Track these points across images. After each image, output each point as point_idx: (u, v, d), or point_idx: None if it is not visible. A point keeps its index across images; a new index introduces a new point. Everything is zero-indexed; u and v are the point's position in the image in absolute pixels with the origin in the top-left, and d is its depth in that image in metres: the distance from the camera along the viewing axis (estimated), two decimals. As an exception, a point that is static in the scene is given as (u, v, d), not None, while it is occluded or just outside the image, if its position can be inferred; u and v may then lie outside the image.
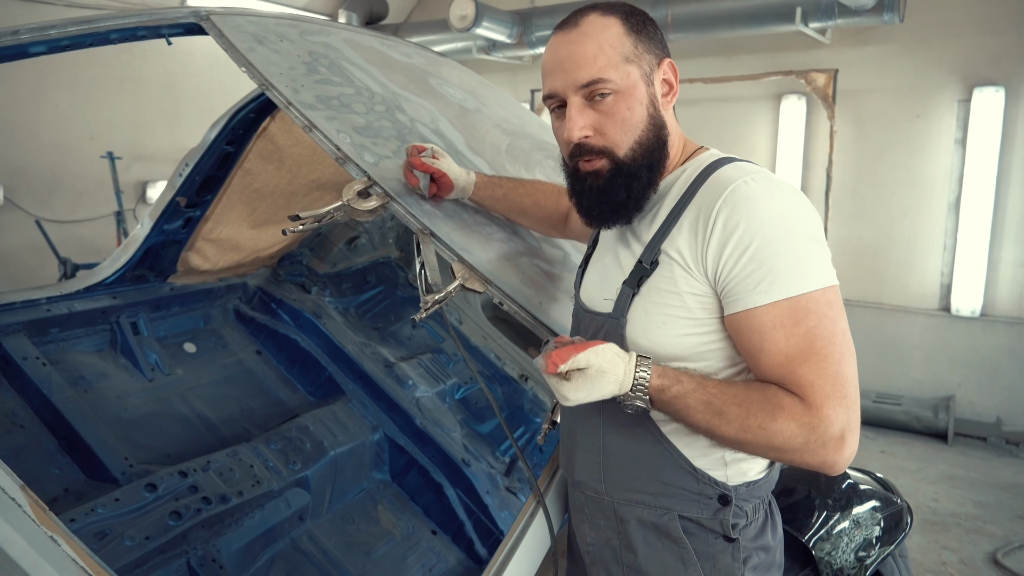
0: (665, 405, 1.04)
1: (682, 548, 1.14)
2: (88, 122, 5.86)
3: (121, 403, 2.19)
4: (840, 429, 0.98)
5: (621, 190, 1.13)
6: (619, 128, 1.11)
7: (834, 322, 1.01)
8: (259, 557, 1.99)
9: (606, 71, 1.08)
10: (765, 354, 1.02)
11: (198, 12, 1.78)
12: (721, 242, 1.02)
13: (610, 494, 1.20)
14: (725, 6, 5.10)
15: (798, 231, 1.01)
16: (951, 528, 3.75)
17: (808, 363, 0.99)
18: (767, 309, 1.00)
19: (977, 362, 5.08)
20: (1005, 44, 4.84)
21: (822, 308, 1.01)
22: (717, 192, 1.05)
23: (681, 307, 1.07)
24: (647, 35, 1.13)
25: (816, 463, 1.00)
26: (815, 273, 1.01)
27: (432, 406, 2.55)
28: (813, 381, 0.99)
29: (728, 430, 1.01)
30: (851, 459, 1.01)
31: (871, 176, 5.40)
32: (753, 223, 1.00)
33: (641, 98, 1.11)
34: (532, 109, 6.66)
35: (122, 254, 2.46)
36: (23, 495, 1.07)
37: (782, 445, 0.99)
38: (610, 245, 1.24)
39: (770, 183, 1.04)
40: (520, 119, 2.38)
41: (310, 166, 2.55)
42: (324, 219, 1.46)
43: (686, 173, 1.14)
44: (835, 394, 0.99)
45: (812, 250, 1.02)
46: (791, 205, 1.03)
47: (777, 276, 1.00)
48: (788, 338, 1.00)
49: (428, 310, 1.35)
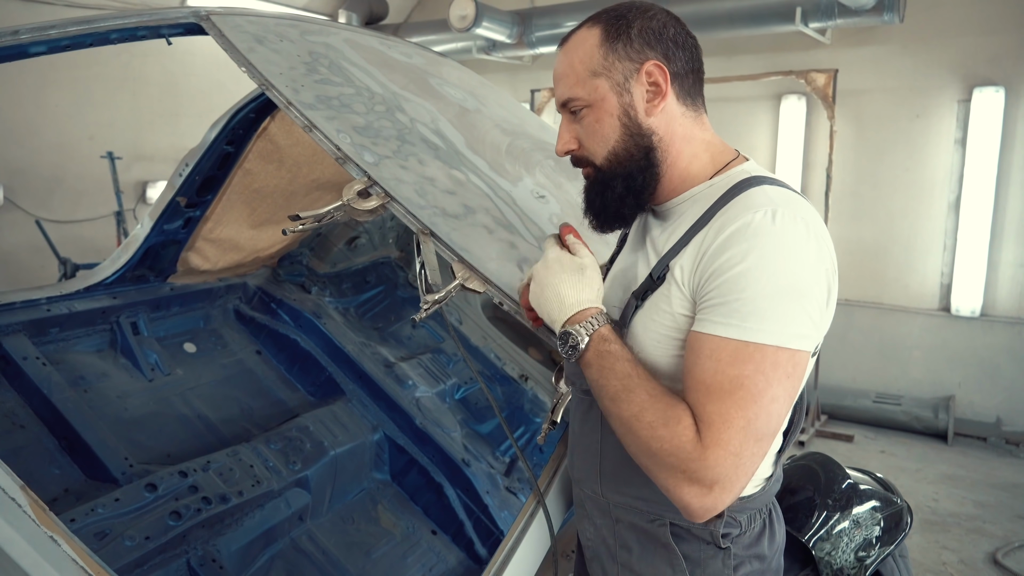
0: (597, 355, 1.05)
1: (671, 553, 1.13)
2: (88, 122, 5.86)
3: (121, 403, 2.19)
4: (712, 479, 0.94)
5: (596, 198, 1.16)
6: (592, 140, 1.13)
7: (768, 384, 0.95)
8: (259, 557, 1.99)
9: (573, 89, 1.12)
10: (690, 376, 0.99)
11: (198, 12, 1.78)
12: (711, 260, 0.99)
13: (606, 494, 1.20)
14: (725, 6, 5.10)
15: (785, 281, 0.95)
16: (951, 528, 3.75)
17: (720, 404, 0.94)
18: (712, 338, 0.97)
19: (977, 362, 5.08)
20: (1005, 44, 4.84)
21: (765, 365, 0.94)
22: (737, 214, 1.00)
23: (673, 327, 1.06)
24: (626, 41, 1.09)
25: (674, 495, 0.97)
26: (780, 331, 0.95)
27: (432, 406, 2.55)
28: (714, 422, 0.94)
29: (626, 410, 1.00)
30: (709, 515, 0.97)
31: (871, 176, 5.40)
32: (749, 254, 0.96)
33: (611, 109, 1.10)
34: (532, 109, 6.66)
35: (122, 254, 2.46)
36: (23, 495, 1.07)
37: (657, 453, 0.96)
38: (631, 249, 1.25)
39: (791, 222, 0.97)
40: (520, 119, 2.38)
41: (310, 166, 2.55)
42: (324, 219, 1.46)
43: (714, 187, 1.10)
44: (727, 445, 0.93)
45: (791, 307, 0.95)
46: (796, 253, 0.97)
47: (736, 313, 0.95)
48: (716, 373, 0.96)
49: (428, 310, 1.35)
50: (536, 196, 1.92)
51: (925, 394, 5.23)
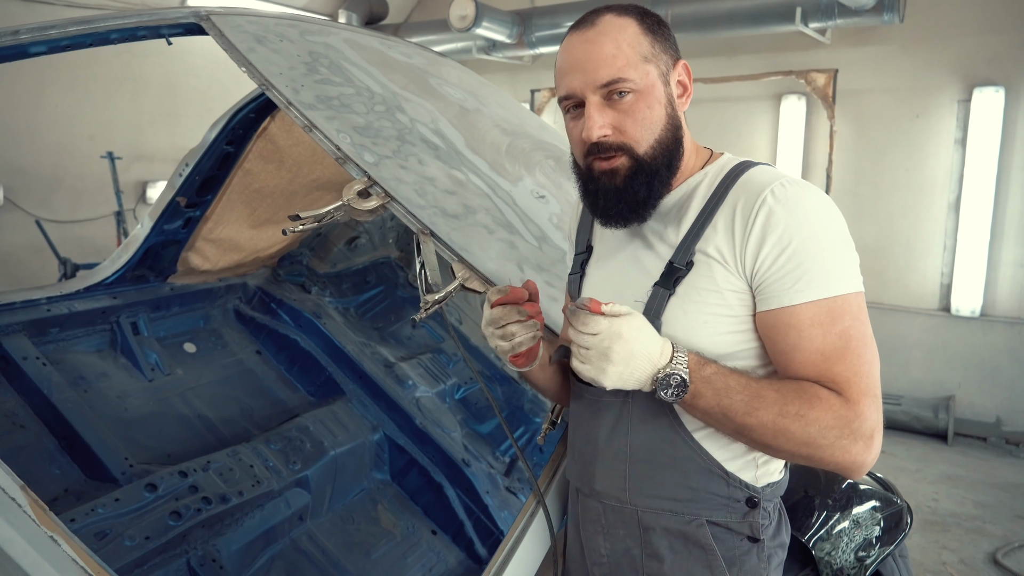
0: (705, 382, 1.03)
1: (710, 554, 1.13)
2: (88, 122, 5.86)
3: (121, 403, 2.19)
4: (871, 427, 1.00)
5: (642, 188, 1.12)
6: (639, 126, 1.11)
7: (864, 325, 1.04)
8: (259, 557, 1.99)
9: (626, 70, 1.09)
10: (800, 351, 1.03)
11: (198, 12, 1.78)
12: (760, 239, 1.04)
13: (634, 502, 1.17)
14: (725, 6, 5.10)
15: (835, 235, 1.05)
16: (951, 528, 3.75)
17: (844, 361, 1.02)
18: (805, 307, 1.02)
19: (977, 362, 5.08)
20: (1005, 44, 4.84)
21: (855, 310, 1.03)
22: (754, 192, 1.07)
23: (722, 304, 1.08)
24: (662, 36, 1.14)
25: (846, 461, 1.01)
26: (849, 277, 1.04)
27: (432, 406, 2.55)
28: (849, 378, 1.01)
29: (766, 415, 1.00)
30: (874, 462, 1.02)
31: (871, 176, 5.40)
32: (793, 224, 1.03)
33: (660, 97, 1.12)
34: (532, 109, 6.67)
35: (122, 254, 2.46)
36: (23, 495, 1.07)
37: (816, 437, 0.99)
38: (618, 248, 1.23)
39: (805, 187, 1.07)
40: (520, 119, 2.38)
41: (310, 166, 2.55)
42: (324, 219, 1.46)
43: (709, 176, 1.15)
44: (869, 392, 1.01)
45: (847, 254, 1.05)
46: (827, 209, 1.06)
47: (815, 276, 1.02)
48: (825, 336, 1.02)
49: (428, 310, 1.35)
50: (536, 196, 1.92)
51: (925, 394, 5.23)
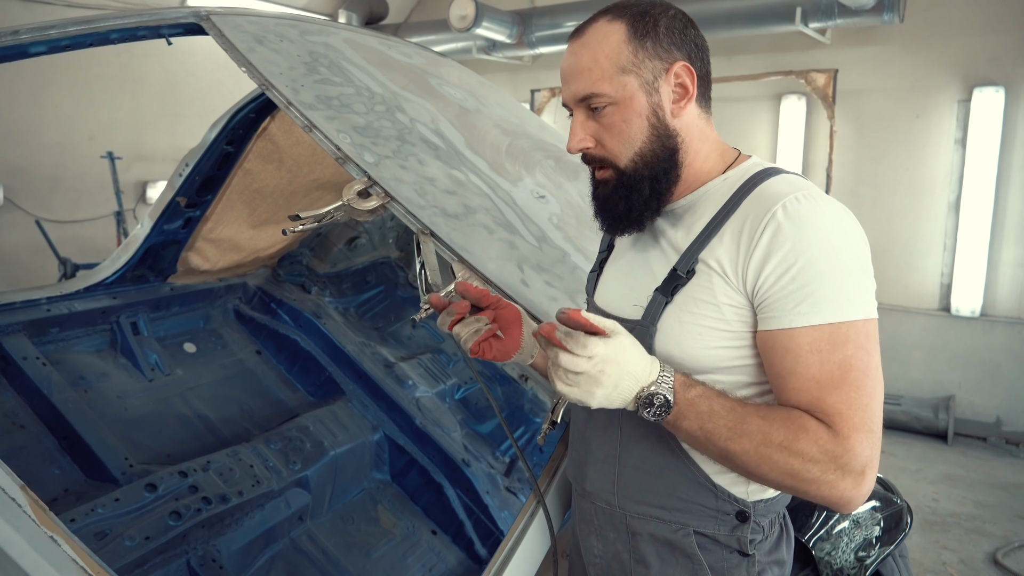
0: (689, 405, 0.99)
1: (696, 564, 1.11)
2: (88, 122, 5.86)
3: (121, 403, 2.19)
4: (863, 464, 0.95)
5: (621, 202, 1.11)
6: (616, 140, 1.09)
7: (870, 355, 0.98)
8: (259, 557, 1.99)
9: (599, 84, 1.07)
10: (795, 377, 0.98)
11: (198, 12, 1.78)
12: (764, 256, 0.99)
13: (622, 506, 1.16)
14: (725, 6, 5.10)
15: (847, 257, 0.98)
16: (951, 528, 3.75)
17: (839, 391, 0.96)
18: (805, 331, 0.97)
19: (977, 362, 5.08)
20: (1005, 44, 4.84)
21: (860, 339, 0.97)
22: (766, 205, 1.01)
23: (718, 318, 1.04)
24: (654, 39, 1.07)
25: (832, 497, 0.96)
26: (858, 303, 0.98)
27: (432, 406, 2.55)
28: (842, 410, 0.95)
29: (749, 443, 0.96)
30: (865, 498, 0.97)
31: (871, 176, 5.40)
32: (801, 242, 0.97)
33: (639, 109, 1.07)
34: (532, 109, 6.67)
35: (122, 254, 2.46)
36: (23, 495, 1.06)
37: (800, 470, 0.95)
38: (632, 248, 1.22)
39: (823, 202, 1.01)
40: (520, 119, 2.38)
41: (310, 166, 2.55)
42: (324, 219, 1.46)
43: (728, 181, 1.10)
44: (863, 427, 0.95)
45: (858, 279, 0.99)
46: (842, 228, 1.00)
47: (819, 299, 0.96)
48: (823, 364, 0.96)
49: (428, 310, 1.35)
50: (536, 196, 1.92)
51: (925, 394, 5.23)
